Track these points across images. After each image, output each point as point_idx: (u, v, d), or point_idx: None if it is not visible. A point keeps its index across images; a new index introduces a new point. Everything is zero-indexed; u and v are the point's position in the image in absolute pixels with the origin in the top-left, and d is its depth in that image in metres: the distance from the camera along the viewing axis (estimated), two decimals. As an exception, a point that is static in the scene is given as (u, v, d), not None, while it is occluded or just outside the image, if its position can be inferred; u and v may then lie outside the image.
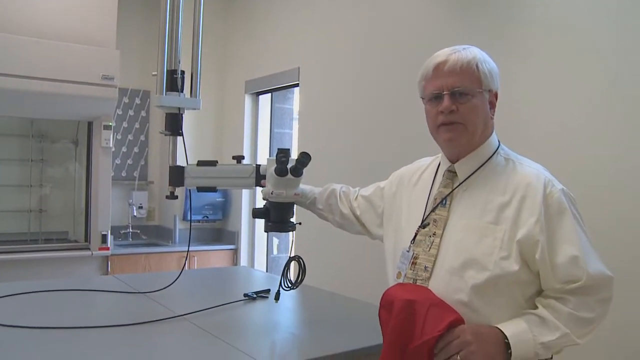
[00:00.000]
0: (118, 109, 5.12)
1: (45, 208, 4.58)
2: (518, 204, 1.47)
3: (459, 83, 1.53)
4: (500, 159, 1.59)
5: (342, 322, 2.18)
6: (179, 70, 2.17)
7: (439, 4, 3.26)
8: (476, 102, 1.53)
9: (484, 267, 1.44)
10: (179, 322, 2.04)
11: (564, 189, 1.49)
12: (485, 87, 1.55)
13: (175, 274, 2.44)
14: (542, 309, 1.43)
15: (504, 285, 1.44)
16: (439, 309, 1.41)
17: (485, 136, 1.59)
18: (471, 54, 1.56)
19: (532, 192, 1.47)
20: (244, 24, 5.32)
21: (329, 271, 3.68)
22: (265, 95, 5.21)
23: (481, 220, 1.50)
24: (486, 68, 1.55)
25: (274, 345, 1.94)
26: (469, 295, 1.44)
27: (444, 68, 1.55)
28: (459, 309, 1.44)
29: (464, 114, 1.53)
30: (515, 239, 1.44)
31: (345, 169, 3.84)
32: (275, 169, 1.96)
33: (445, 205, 1.59)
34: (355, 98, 3.84)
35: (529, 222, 1.43)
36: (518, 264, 1.43)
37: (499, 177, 1.55)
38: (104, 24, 4.16)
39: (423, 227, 1.60)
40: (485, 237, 1.47)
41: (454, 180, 1.62)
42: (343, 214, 2.03)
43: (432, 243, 1.55)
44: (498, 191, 1.52)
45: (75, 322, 1.94)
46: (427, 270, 1.53)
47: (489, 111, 1.58)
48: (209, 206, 5.30)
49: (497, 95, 1.59)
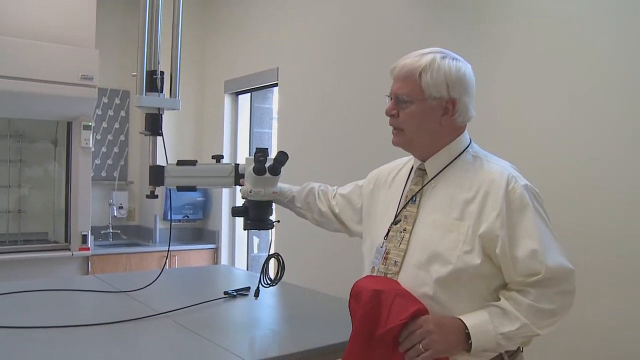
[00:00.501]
0: (97, 109, 5.11)
1: (25, 209, 4.55)
2: (482, 199, 1.51)
3: (399, 90, 1.60)
4: (469, 156, 1.63)
5: (320, 318, 2.22)
6: (158, 70, 2.19)
7: (418, 3, 3.31)
8: (414, 110, 1.58)
9: (447, 261, 1.49)
10: (160, 320, 2.06)
11: (527, 185, 1.53)
12: (427, 95, 1.56)
13: (156, 273, 2.45)
14: (504, 301, 1.47)
15: (466, 279, 1.48)
16: (404, 299, 1.47)
17: (442, 140, 1.63)
18: (421, 62, 1.57)
19: (495, 188, 1.51)
20: (222, 24, 5.33)
21: (308, 269, 3.71)
22: (244, 95, 5.23)
23: (447, 216, 1.55)
24: (429, 77, 1.55)
25: (253, 341, 1.97)
26: (433, 288, 1.49)
27: (394, 72, 1.63)
28: (424, 301, 1.49)
29: (402, 119, 1.61)
30: (478, 233, 1.48)
31: (324, 168, 3.88)
32: (254, 168, 1.99)
33: (415, 202, 1.64)
34: (334, 98, 3.88)
35: (491, 218, 1.48)
36: (480, 257, 1.47)
37: (466, 174, 1.59)
38: (83, 23, 4.15)
39: (395, 224, 1.65)
40: (450, 232, 1.52)
41: (424, 177, 1.66)
42: (321, 211, 2.07)
43: (402, 238, 1.60)
44: (464, 188, 1.56)
45: (57, 322, 1.95)
46: (396, 264, 1.58)
47: (439, 118, 1.59)
48: (189, 206, 5.30)
49: (455, 101, 1.58)
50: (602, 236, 2.38)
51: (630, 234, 2.31)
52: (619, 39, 2.37)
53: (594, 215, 2.42)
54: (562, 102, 2.55)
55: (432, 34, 3.12)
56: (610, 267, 2.35)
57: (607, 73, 2.40)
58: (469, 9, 2.97)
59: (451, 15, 3.07)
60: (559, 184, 2.51)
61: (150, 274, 2.59)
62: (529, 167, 2.57)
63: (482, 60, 2.86)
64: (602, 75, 2.42)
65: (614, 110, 2.37)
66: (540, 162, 2.58)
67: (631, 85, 2.33)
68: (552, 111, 2.59)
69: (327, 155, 3.90)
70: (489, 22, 2.87)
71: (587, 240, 2.40)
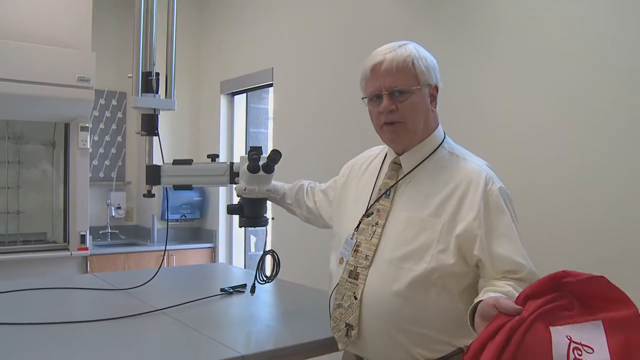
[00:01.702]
0: (95, 110, 5.14)
1: (23, 209, 4.58)
2: (458, 199, 1.52)
3: (396, 82, 1.58)
4: (445, 152, 1.64)
5: (315, 313, 2.25)
6: (153, 72, 2.23)
7: (410, 4, 3.34)
8: (415, 99, 1.59)
9: (421, 259, 1.50)
10: (157, 316, 2.09)
11: (502, 187, 1.55)
12: (423, 83, 1.59)
13: (153, 272, 2.49)
14: (486, 288, 1.43)
15: (438, 277, 1.49)
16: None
17: (429, 130, 1.65)
18: (407, 52, 1.59)
19: (473, 187, 1.52)
20: (218, 25, 5.37)
21: (303, 265, 3.74)
22: (240, 96, 5.26)
23: (422, 213, 1.55)
24: (422, 64, 1.59)
25: (249, 336, 2.00)
26: (405, 285, 1.50)
27: (380, 68, 1.60)
28: (394, 299, 1.50)
29: (404, 112, 1.59)
30: (454, 233, 1.49)
31: (319, 167, 3.90)
32: (248, 166, 2.03)
33: (389, 196, 1.64)
34: (329, 97, 3.92)
35: (468, 218, 1.49)
36: (454, 257, 1.48)
37: (442, 171, 1.60)
38: (79, 26, 4.17)
39: (367, 216, 1.65)
40: (424, 230, 1.52)
41: (399, 172, 1.67)
42: (309, 208, 2.10)
43: (374, 232, 1.61)
44: (440, 185, 1.57)
45: (55, 318, 1.98)
46: (367, 258, 1.59)
47: (430, 105, 1.63)
48: (187, 205, 5.33)
49: (438, 88, 1.63)
50: (595, 233, 2.41)
51: (623, 231, 2.33)
52: (607, 38, 2.40)
53: (584, 212, 2.45)
54: (550, 99, 2.58)
55: (424, 34, 3.15)
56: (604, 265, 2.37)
57: (594, 72, 2.43)
58: (459, 10, 3.00)
59: (442, 16, 3.10)
60: (548, 182, 2.56)
61: (148, 272, 2.61)
62: (517, 165, 2.64)
63: (472, 60, 2.90)
64: (590, 73, 2.45)
65: (602, 108, 2.40)
66: (529, 160, 2.63)
67: (618, 84, 2.36)
68: (540, 109, 2.62)
69: (322, 155, 3.94)
70: (478, 22, 2.90)
71: (580, 238, 2.44)
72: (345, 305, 1.61)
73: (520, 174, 2.61)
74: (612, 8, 2.39)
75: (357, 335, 1.58)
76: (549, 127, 2.58)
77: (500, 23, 2.80)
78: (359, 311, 1.57)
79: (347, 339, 1.61)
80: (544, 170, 2.58)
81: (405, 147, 1.66)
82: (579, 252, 2.41)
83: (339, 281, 1.65)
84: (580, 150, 2.47)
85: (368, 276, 1.58)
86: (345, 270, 1.65)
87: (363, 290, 1.57)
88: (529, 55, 2.66)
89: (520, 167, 2.64)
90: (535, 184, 2.59)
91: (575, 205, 2.47)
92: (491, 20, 2.84)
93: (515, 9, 2.74)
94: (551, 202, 2.55)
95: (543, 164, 2.59)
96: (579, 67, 2.48)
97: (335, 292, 1.67)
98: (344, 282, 1.63)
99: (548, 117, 2.59)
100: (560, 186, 2.52)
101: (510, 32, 2.75)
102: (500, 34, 2.80)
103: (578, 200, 2.46)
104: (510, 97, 2.74)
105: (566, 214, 2.49)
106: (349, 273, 1.63)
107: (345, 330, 1.61)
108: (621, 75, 2.35)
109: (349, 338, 1.60)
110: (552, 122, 2.57)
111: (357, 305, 1.58)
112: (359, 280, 1.59)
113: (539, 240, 2.43)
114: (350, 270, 1.62)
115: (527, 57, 2.67)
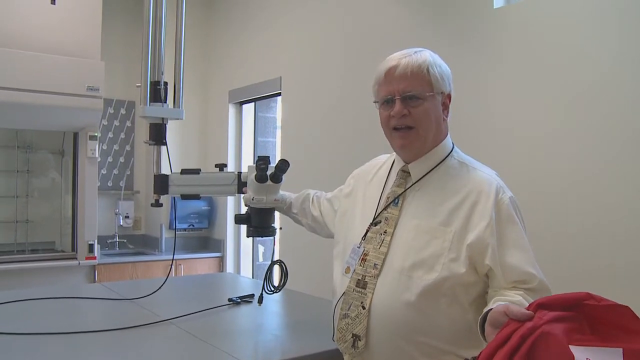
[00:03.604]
0: (103, 119, 5.16)
1: (32, 218, 4.60)
2: (469, 208, 1.51)
3: (410, 87, 1.57)
4: (454, 161, 1.63)
5: (322, 323, 2.23)
6: (162, 81, 2.24)
7: (419, 13, 3.34)
8: (428, 106, 1.57)
9: (432, 268, 1.48)
10: (165, 326, 2.09)
11: (512, 197, 1.54)
12: (436, 90, 1.58)
13: (161, 281, 2.49)
14: (496, 297, 1.42)
15: (449, 287, 1.47)
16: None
17: (440, 138, 1.64)
18: (422, 58, 1.59)
19: (484, 197, 1.51)
20: (226, 34, 5.38)
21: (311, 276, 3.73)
22: (248, 105, 5.27)
23: (432, 221, 1.54)
24: (437, 71, 1.58)
25: (257, 346, 2.00)
26: (416, 295, 1.48)
27: (394, 72, 1.59)
28: (404, 309, 1.48)
29: (416, 117, 1.58)
30: (466, 242, 1.47)
31: (327, 176, 3.90)
32: (255, 176, 2.02)
33: (397, 205, 1.63)
34: (337, 106, 3.91)
35: (480, 226, 1.48)
36: (465, 266, 1.47)
37: (452, 180, 1.59)
38: (88, 35, 4.19)
39: (374, 225, 1.64)
40: (435, 238, 1.51)
41: (407, 180, 1.65)
42: (314, 217, 2.08)
43: (382, 241, 1.59)
44: (450, 194, 1.56)
45: (63, 328, 1.98)
46: (376, 267, 1.57)
47: (442, 113, 1.62)
48: (195, 215, 5.34)
49: (450, 97, 1.63)
50: (605, 238, 2.39)
51: (631, 239, 2.31)
52: (614, 43, 2.39)
53: (593, 220, 2.43)
54: (557, 105, 2.57)
55: (432, 42, 3.13)
56: (613, 270, 2.36)
57: (603, 76, 2.42)
58: (467, 19, 3.00)
59: (450, 25, 3.10)
60: (557, 190, 2.54)
61: (156, 281, 2.61)
62: (525, 171, 2.63)
63: (480, 68, 2.89)
64: (597, 78, 2.44)
65: (610, 112, 2.39)
66: (538, 166, 2.61)
67: (626, 89, 2.35)
68: (547, 114, 2.61)
69: (330, 164, 3.93)
70: (486, 31, 2.89)
71: (589, 243, 2.42)
72: (352, 315, 1.58)
73: (529, 182, 2.60)
74: (619, 15, 2.38)
75: (365, 346, 1.55)
76: (558, 135, 2.56)
77: (508, 30, 2.79)
78: (367, 321, 1.55)
79: (353, 350, 1.58)
80: (552, 178, 2.56)
81: (415, 155, 1.65)
82: (588, 260, 2.40)
83: (346, 290, 1.63)
84: (590, 158, 2.45)
85: (377, 285, 1.55)
86: (352, 279, 1.62)
87: (372, 300, 1.55)
88: (537, 63, 2.65)
89: (528, 175, 2.63)
90: (544, 192, 2.58)
91: (585, 213, 2.45)
92: (500, 29, 2.84)
93: (524, 17, 2.73)
94: (560, 209, 2.53)
95: (550, 172, 2.58)
96: (588, 75, 2.47)
97: (341, 301, 1.64)
98: (350, 291, 1.61)
99: (556, 125, 2.57)
100: (570, 194, 2.51)
101: (519, 40, 2.74)
102: (509, 42, 2.79)
103: (588, 207, 2.44)
104: (518, 105, 2.73)
105: (576, 222, 2.47)
106: (356, 282, 1.60)
107: (351, 341, 1.58)
108: (630, 82, 2.34)
109: (355, 349, 1.57)
110: (561, 130, 2.55)
111: (365, 315, 1.55)
112: (368, 289, 1.57)
113: (548, 249, 2.42)
114: (358, 280, 1.60)
115: (536, 65, 2.66)
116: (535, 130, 2.65)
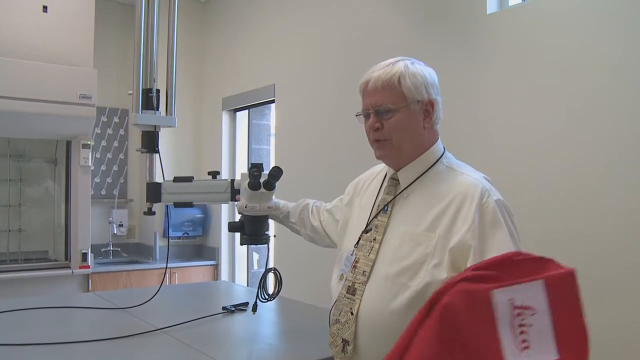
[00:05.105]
0: (96, 127, 5.15)
1: (25, 227, 4.56)
2: (454, 212, 1.50)
3: (381, 101, 1.59)
4: (442, 167, 1.63)
5: (317, 331, 2.22)
6: (154, 88, 2.23)
7: (413, 19, 3.35)
8: (400, 117, 1.58)
9: (416, 274, 1.48)
10: (158, 336, 2.07)
11: (499, 200, 1.52)
12: (410, 100, 1.58)
13: (154, 290, 2.47)
14: None
15: (430, 293, 1.43)
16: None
17: (425, 146, 1.64)
18: (394, 70, 1.59)
19: (469, 201, 1.50)
20: (219, 41, 5.38)
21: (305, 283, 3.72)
22: (242, 112, 5.27)
23: (418, 227, 1.54)
24: (409, 82, 1.57)
25: (251, 355, 1.98)
26: (400, 302, 1.48)
27: (368, 87, 1.62)
28: (390, 315, 1.48)
29: (389, 130, 1.60)
30: (448, 247, 1.47)
31: (321, 183, 3.90)
32: (249, 183, 2.02)
33: (387, 212, 1.64)
34: (331, 113, 3.91)
35: (462, 230, 1.47)
36: (447, 272, 1.45)
37: (439, 185, 1.59)
38: (81, 43, 4.18)
39: (366, 232, 1.66)
40: (419, 245, 1.51)
41: (397, 187, 1.66)
42: (314, 227, 2.09)
43: (371, 248, 1.61)
44: (436, 200, 1.55)
45: (56, 338, 1.96)
46: (364, 274, 1.59)
47: (422, 121, 1.61)
48: (189, 223, 5.32)
49: (433, 103, 1.61)
50: (601, 243, 2.40)
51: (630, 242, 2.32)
52: (608, 48, 2.40)
53: (592, 225, 2.43)
54: (550, 110, 2.58)
55: (426, 49, 3.15)
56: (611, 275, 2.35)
57: (596, 81, 2.43)
58: (462, 24, 3.01)
59: (445, 31, 3.11)
60: (549, 192, 2.54)
61: (149, 290, 2.60)
62: (517, 175, 2.63)
63: (474, 73, 2.90)
64: (591, 83, 2.45)
65: (604, 117, 2.40)
66: (530, 170, 2.61)
67: (620, 93, 2.35)
68: (540, 119, 2.62)
69: (325, 171, 3.93)
70: (480, 36, 2.90)
71: (585, 248, 2.42)
72: (342, 320, 1.61)
73: (521, 186, 2.60)
74: (613, 21, 2.39)
75: (353, 351, 1.58)
76: (551, 139, 2.57)
77: (502, 37, 2.80)
78: (355, 327, 1.57)
79: (343, 355, 1.60)
80: (545, 183, 2.57)
81: (397, 163, 1.66)
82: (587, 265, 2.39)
83: (338, 297, 1.66)
84: (583, 162, 2.46)
85: (364, 292, 1.57)
86: (344, 286, 1.65)
87: (359, 306, 1.57)
88: (530, 68, 2.67)
89: (520, 179, 2.63)
90: (536, 196, 2.58)
91: (584, 218, 2.45)
92: (493, 34, 2.84)
93: (517, 23, 2.74)
94: (552, 213, 2.53)
95: (543, 176, 2.58)
96: (581, 80, 2.48)
97: (334, 307, 1.67)
98: (342, 297, 1.64)
99: (549, 129, 2.58)
100: (563, 198, 2.51)
101: (512, 46, 2.75)
102: (502, 48, 2.80)
103: (581, 212, 2.45)
104: (511, 109, 2.74)
105: (574, 227, 2.47)
106: (347, 289, 1.63)
107: (341, 346, 1.60)
108: (622, 87, 2.34)
109: (345, 354, 1.59)
110: (554, 134, 2.56)
111: (353, 320, 1.57)
112: (356, 296, 1.59)
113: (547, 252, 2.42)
114: (349, 286, 1.63)
115: (529, 70, 2.67)
116: (528, 134, 2.66)
